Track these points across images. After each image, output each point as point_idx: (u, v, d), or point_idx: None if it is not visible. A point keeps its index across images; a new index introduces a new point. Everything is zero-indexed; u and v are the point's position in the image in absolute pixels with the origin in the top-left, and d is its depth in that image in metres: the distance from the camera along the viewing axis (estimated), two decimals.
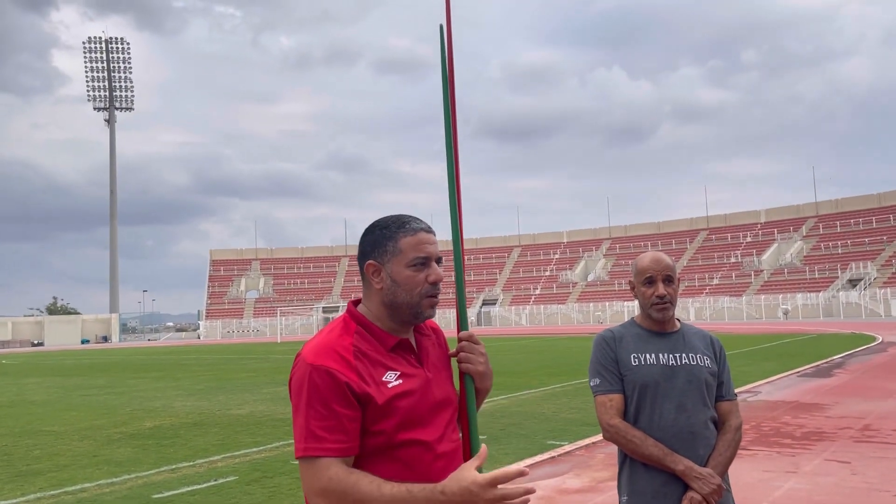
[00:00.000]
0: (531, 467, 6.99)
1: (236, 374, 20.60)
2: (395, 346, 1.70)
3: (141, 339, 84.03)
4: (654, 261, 2.59)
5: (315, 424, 1.54)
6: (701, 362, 2.56)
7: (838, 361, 17.63)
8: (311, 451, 1.54)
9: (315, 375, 1.57)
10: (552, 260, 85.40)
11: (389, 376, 1.63)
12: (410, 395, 1.64)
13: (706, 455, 2.48)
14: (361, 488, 1.48)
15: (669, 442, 2.44)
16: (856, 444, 7.62)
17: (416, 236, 1.70)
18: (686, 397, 2.49)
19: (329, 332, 1.69)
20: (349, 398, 1.57)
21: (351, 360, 1.60)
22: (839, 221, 70.44)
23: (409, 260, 1.69)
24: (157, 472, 7.35)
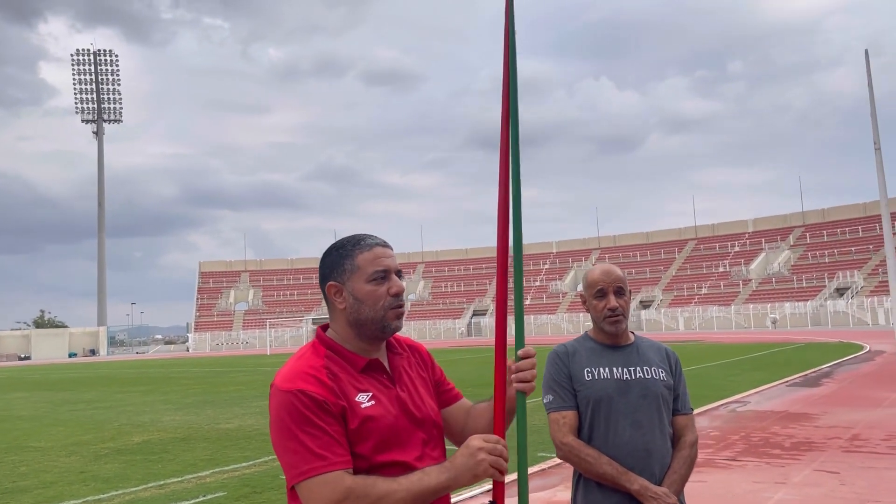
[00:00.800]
0: None
1: (225, 387, 20.47)
2: (366, 367, 1.70)
3: (129, 353, 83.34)
4: (605, 273, 2.56)
5: (312, 444, 1.53)
6: (656, 376, 2.50)
7: (826, 371, 17.72)
8: (318, 469, 1.52)
9: (293, 400, 1.57)
10: (542, 270, 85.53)
11: (361, 397, 1.64)
12: (384, 416, 1.64)
13: (661, 473, 2.42)
14: (380, 485, 1.52)
15: (624, 460, 2.38)
16: (845, 455, 7.65)
17: (373, 251, 1.73)
18: (641, 413, 2.44)
19: (299, 357, 1.70)
20: (333, 414, 1.57)
21: (325, 380, 1.61)
22: (826, 231, 70.96)
23: (369, 275, 1.71)
24: (145, 488, 7.28)
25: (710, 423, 10.13)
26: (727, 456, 7.83)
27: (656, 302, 72.44)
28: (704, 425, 10.01)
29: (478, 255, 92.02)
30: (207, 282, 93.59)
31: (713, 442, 8.69)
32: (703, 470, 7.18)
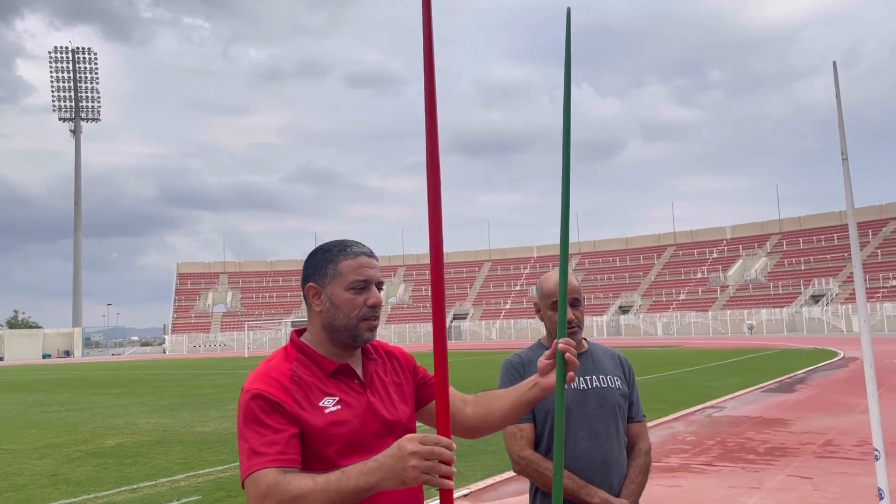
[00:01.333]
0: (500, 484, 6.98)
1: (202, 389, 20.28)
2: (335, 372, 1.70)
3: (105, 354, 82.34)
4: (557, 284, 2.44)
5: (256, 442, 1.55)
6: (612, 384, 2.47)
7: (801, 377, 17.93)
8: (253, 467, 1.52)
9: (249, 400, 1.60)
10: (522, 274, 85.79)
11: (327, 402, 1.64)
12: (349, 421, 1.64)
13: (619, 483, 2.41)
14: (298, 483, 1.46)
15: (583, 472, 2.35)
16: (818, 460, 7.74)
17: (357, 260, 1.73)
18: (599, 423, 2.41)
19: (268, 361, 1.72)
20: (285, 414, 1.58)
21: (286, 384, 1.62)
22: (802, 238, 71.92)
23: (349, 283, 1.71)
24: (118, 491, 7.18)
25: (687, 428, 10.20)
26: (703, 461, 7.89)
27: (635, 307, 72.93)
28: (681, 430, 10.08)
29: (458, 258, 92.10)
30: (185, 283, 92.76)
31: (689, 447, 8.75)
32: (679, 475, 7.23)
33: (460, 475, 7.42)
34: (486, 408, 1.90)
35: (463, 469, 7.74)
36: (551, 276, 2.49)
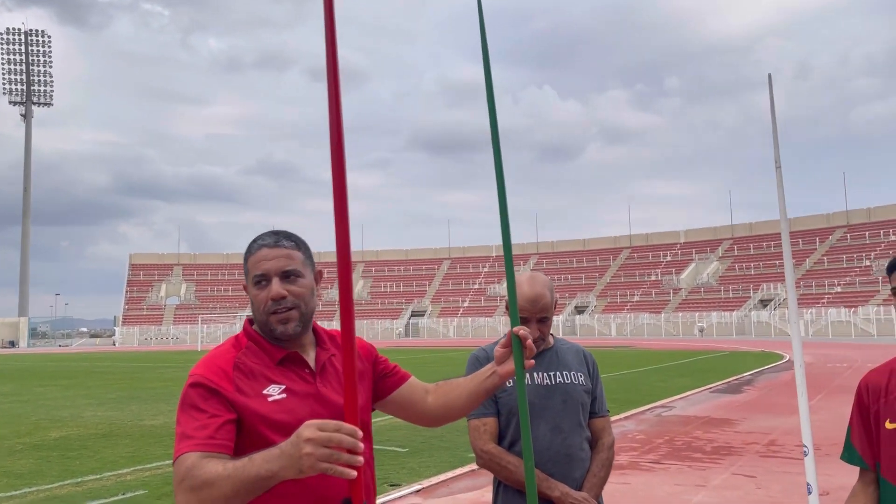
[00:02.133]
0: (453, 480, 7.01)
1: (152, 383, 19.89)
2: (284, 360, 1.71)
3: (52, 345, 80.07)
4: (531, 301, 2.40)
5: (186, 427, 1.55)
6: (576, 380, 2.50)
7: (748, 378, 18.39)
8: (180, 450, 1.52)
9: (189, 386, 1.61)
10: (481, 273, 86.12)
11: (272, 389, 1.64)
12: (294, 409, 1.63)
13: (581, 477, 2.45)
14: (209, 468, 1.44)
15: (545, 465, 2.38)
16: (762, 459, 7.96)
17: (255, 255, 1.72)
18: (562, 418, 2.44)
19: (218, 347, 1.73)
20: (223, 402, 1.58)
21: (229, 371, 1.63)
22: (752, 244, 73.68)
23: (252, 279, 1.72)
24: (61, 485, 7.01)
25: (637, 427, 10.39)
26: (651, 459, 8.04)
27: (590, 308, 73.86)
28: (631, 429, 10.25)
29: (418, 256, 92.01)
30: (138, 274, 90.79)
31: (638, 445, 8.90)
32: (628, 472, 7.36)
33: (413, 471, 7.43)
34: (446, 397, 1.91)
35: (415, 465, 7.75)
36: (524, 287, 2.42)
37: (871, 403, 1.99)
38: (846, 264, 63.94)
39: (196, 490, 1.42)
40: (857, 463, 2.04)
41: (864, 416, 2.01)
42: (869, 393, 2.00)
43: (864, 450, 2.01)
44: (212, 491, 1.41)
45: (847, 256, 64.79)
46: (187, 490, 1.44)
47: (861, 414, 2.03)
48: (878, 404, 1.97)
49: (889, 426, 1.92)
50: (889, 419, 1.92)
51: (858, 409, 2.04)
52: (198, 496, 1.42)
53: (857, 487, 2.06)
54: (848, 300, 57.55)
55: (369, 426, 1.82)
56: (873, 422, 1.98)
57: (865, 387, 2.02)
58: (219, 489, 1.41)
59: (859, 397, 2.04)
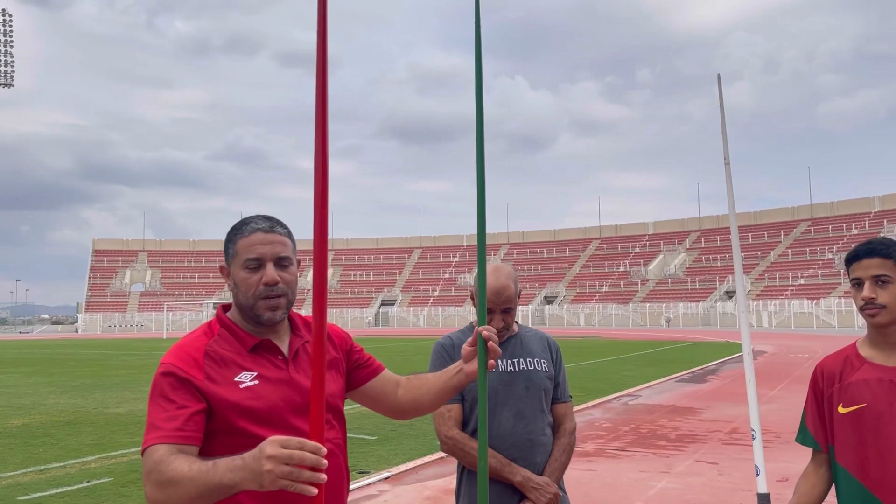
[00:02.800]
0: (421, 467, 7.04)
1: (116, 370, 19.61)
2: (256, 347, 1.71)
3: (12, 332, 78.48)
4: (495, 293, 2.42)
5: (156, 417, 1.55)
6: (539, 367, 2.54)
7: (712, 368, 18.73)
8: (148, 441, 1.53)
9: (160, 375, 1.61)
10: (451, 263, 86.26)
11: (244, 376, 1.64)
12: (266, 396, 1.64)
13: (543, 462, 2.48)
14: (175, 467, 1.45)
15: (508, 451, 2.42)
16: (724, 447, 8.12)
17: (250, 238, 1.71)
18: (524, 404, 2.47)
19: (189, 335, 1.73)
20: (192, 391, 1.58)
21: (199, 359, 1.63)
22: (719, 236, 74.85)
23: (243, 262, 1.70)
24: (24, 472, 6.89)
25: (604, 415, 10.53)
26: (617, 446, 8.17)
27: (559, 298, 74.47)
28: (598, 417, 10.39)
29: (388, 244, 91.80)
30: (101, 260, 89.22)
31: (605, 433, 9.03)
32: (594, 459, 7.46)
33: (382, 458, 7.45)
34: (415, 392, 1.94)
35: (384, 453, 7.77)
36: (489, 277, 2.42)
37: (826, 388, 2.07)
38: (809, 257, 65.32)
39: (162, 486, 1.45)
40: (810, 444, 2.13)
41: (819, 400, 2.10)
42: (824, 378, 2.09)
43: (818, 432, 2.10)
44: (176, 489, 1.43)
45: (811, 249, 66.19)
46: (154, 484, 1.46)
47: (815, 398, 2.11)
48: (831, 389, 2.05)
49: (842, 411, 2.01)
50: (842, 404, 2.01)
51: (813, 394, 2.12)
52: (163, 492, 1.45)
53: (809, 468, 2.15)
54: (811, 292, 58.85)
55: (342, 413, 1.84)
56: (826, 406, 2.07)
57: (821, 372, 2.11)
58: (183, 489, 1.43)
59: (814, 382, 2.12)
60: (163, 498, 1.45)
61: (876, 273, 1.94)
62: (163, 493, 1.45)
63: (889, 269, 1.93)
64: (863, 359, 2.03)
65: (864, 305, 1.96)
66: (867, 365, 2.01)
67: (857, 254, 1.98)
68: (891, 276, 1.93)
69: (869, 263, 1.95)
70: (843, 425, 2.00)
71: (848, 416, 1.98)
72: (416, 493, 6.14)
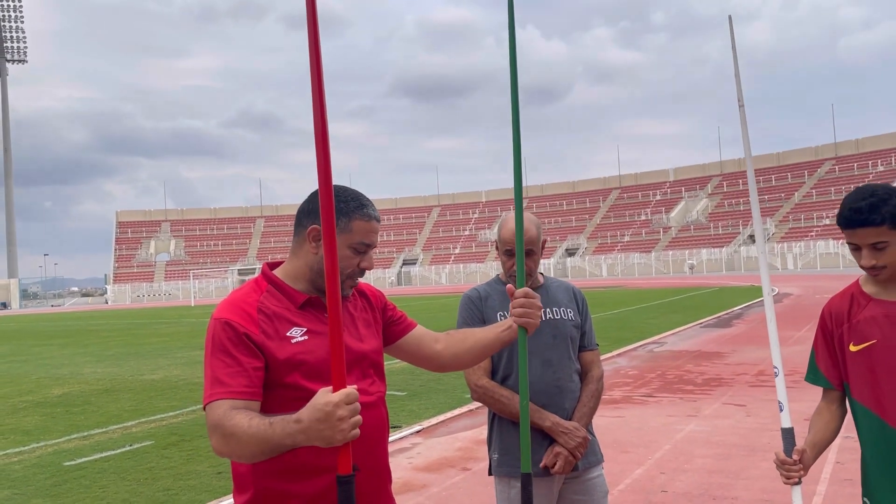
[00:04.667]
0: (451, 420, 7.18)
1: (148, 338, 20.03)
2: (305, 304, 1.77)
3: (44, 305, 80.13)
4: (511, 233, 2.46)
5: (220, 372, 1.62)
6: (565, 316, 2.59)
7: (737, 312, 18.70)
8: (215, 395, 1.59)
9: (217, 328, 1.66)
10: (471, 219, 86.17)
11: (294, 332, 1.71)
12: (315, 350, 1.70)
13: (572, 408, 2.54)
14: (237, 422, 1.53)
15: (537, 397, 2.46)
16: (751, 389, 8.17)
17: (370, 224, 1.78)
18: (552, 352, 2.53)
19: (238, 290, 1.78)
20: (250, 347, 1.64)
21: (253, 314, 1.69)
22: (741, 179, 73.76)
23: (355, 242, 1.76)
24: (68, 439, 7.14)
25: (629, 363, 10.61)
26: (644, 393, 8.25)
27: (581, 249, 74.29)
28: (623, 365, 10.47)
29: (407, 204, 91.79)
30: (126, 232, 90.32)
31: (631, 380, 9.11)
32: (622, 406, 7.55)
33: (413, 413, 7.61)
34: (458, 346, 2.04)
35: (415, 407, 7.93)
36: (507, 222, 2.51)
37: (835, 328, 2.10)
38: (835, 196, 64.27)
39: (226, 438, 1.54)
40: (821, 383, 2.18)
41: (829, 340, 2.14)
42: (832, 318, 2.12)
43: (829, 370, 2.14)
44: (238, 444, 1.53)
45: (836, 189, 65.08)
46: (220, 437, 1.55)
47: (825, 338, 2.15)
48: (841, 329, 2.08)
49: (853, 349, 2.04)
50: (853, 342, 2.04)
51: (822, 334, 2.16)
52: (227, 446, 1.55)
53: (821, 405, 2.20)
54: (836, 232, 57.97)
55: (381, 367, 1.92)
56: (837, 345, 2.10)
57: (829, 313, 2.14)
58: (244, 444, 1.52)
59: (823, 323, 2.16)
60: (227, 451, 1.56)
61: (872, 241, 1.93)
62: (227, 447, 1.55)
63: (884, 234, 1.91)
64: (868, 296, 2.05)
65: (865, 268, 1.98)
66: (873, 302, 2.03)
67: (850, 222, 1.95)
68: (887, 240, 1.91)
69: (864, 233, 1.93)
70: (856, 363, 2.03)
71: (860, 354, 2.02)
72: (447, 444, 6.28)
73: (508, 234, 2.50)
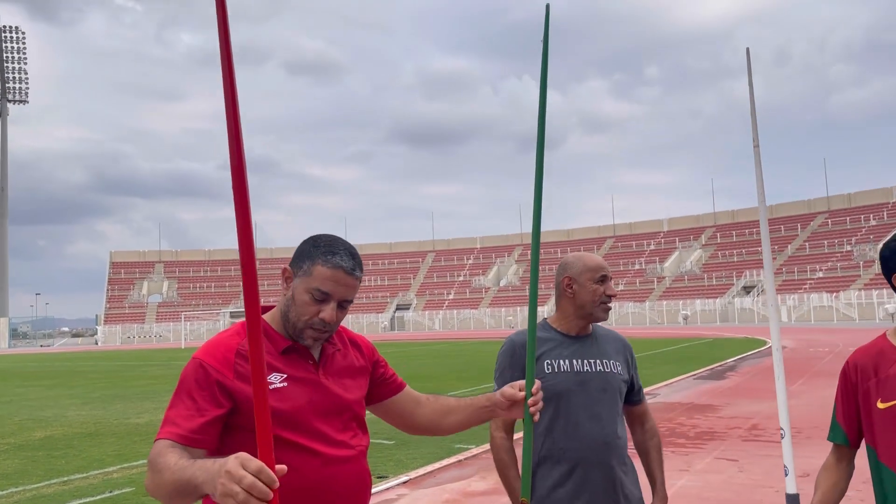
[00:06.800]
0: (439, 470, 7.05)
1: (136, 381, 19.77)
2: (288, 349, 1.74)
3: (33, 345, 79.28)
4: (603, 261, 2.54)
5: (176, 413, 1.60)
6: (615, 369, 2.49)
7: (731, 364, 18.60)
8: (162, 434, 1.58)
9: (192, 367, 1.66)
10: (465, 265, 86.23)
11: (273, 377, 1.68)
12: (295, 398, 1.67)
13: (619, 464, 2.43)
14: (166, 459, 1.49)
15: (584, 452, 2.36)
16: (744, 443, 8.07)
17: (332, 272, 1.70)
18: (601, 406, 2.41)
19: (223, 332, 1.76)
20: (215, 395, 1.62)
21: (230, 357, 1.66)
22: (735, 231, 74.30)
23: (312, 289, 1.71)
24: (48, 484, 6.98)
25: None
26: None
27: None
28: None
29: (402, 249, 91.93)
30: (119, 272, 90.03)
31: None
32: None
33: (400, 462, 7.46)
34: (436, 415, 2.01)
35: (402, 457, 7.78)
36: (587, 254, 2.57)
37: (861, 383, 2.00)
38: (827, 249, 64.70)
39: (153, 474, 1.52)
40: (839, 440, 2.07)
41: (850, 395, 2.03)
42: (858, 373, 2.02)
43: (848, 426, 2.04)
44: (161, 478, 1.49)
45: (828, 242, 65.56)
46: (150, 472, 1.54)
47: (846, 392, 2.05)
48: (867, 384, 1.98)
49: (882, 406, 1.93)
50: (881, 399, 1.94)
51: (844, 388, 2.06)
52: (152, 480, 1.52)
53: (830, 461, 2.10)
54: (829, 285, 58.25)
55: (363, 419, 1.88)
56: (861, 401, 2.00)
57: (854, 367, 2.04)
58: (164, 479, 1.48)
59: (845, 376, 2.06)
60: (152, 486, 1.53)
61: None
62: (152, 483, 1.53)
63: None
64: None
65: None
66: None
67: None
68: None
69: None
70: (884, 421, 1.93)
71: (889, 412, 1.92)
72: (434, 496, 6.15)
73: (599, 261, 2.52)
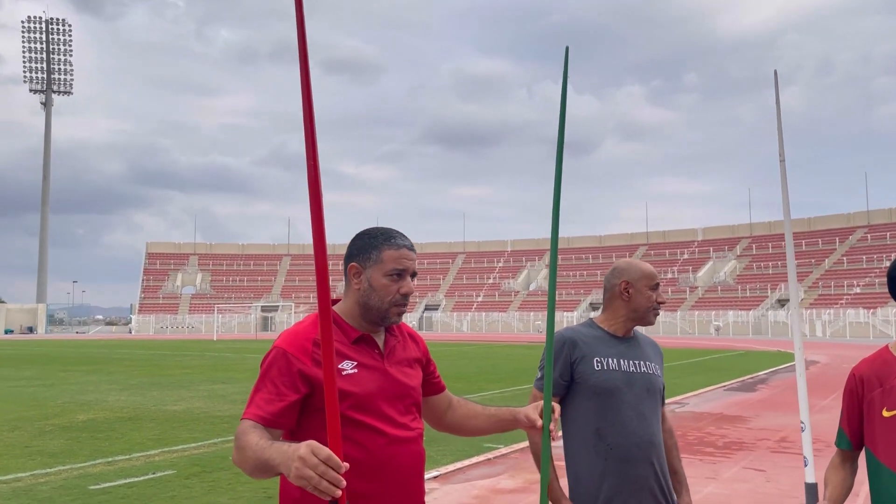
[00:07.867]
0: (469, 467, 7.21)
1: (171, 370, 20.25)
2: (358, 339, 1.92)
3: (69, 332, 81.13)
4: (655, 270, 2.67)
5: (259, 396, 1.79)
6: (656, 371, 2.64)
7: (763, 377, 18.44)
8: (246, 414, 1.77)
9: (275, 355, 1.84)
10: (495, 268, 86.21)
11: (346, 365, 1.86)
12: (365, 383, 1.86)
13: (659, 462, 2.53)
14: (248, 438, 1.67)
15: (630, 450, 2.45)
16: (772, 455, 8.09)
17: (399, 251, 1.93)
18: (645, 406, 2.53)
19: (299, 323, 1.94)
20: (296, 381, 1.80)
21: (308, 346, 1.83)
22: (771, 243, 73.17)
23: (388, 270, 1.91)
24: (93, 464, 7.28)
25: None
26: None
27: None
28: None
29: (432, 249, 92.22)
30: (154, 263, 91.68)
31: None
32: None
33: (431, 458, 7.63)
34: (462, 419, 2.22)
35: (433, 453, 7.95)
36: (641, 262, 2.66)
37: (866, 393, 2.14)
38: (866, 265, 63.38)
39: (238, 450, 1.71)
40: (843, 445, 2.22)
41: (855, 403, 2.18)
42: (863, 384, 2.15)
43: (852, 432, 2.19)
44: (244, 455, 1.68)
45: (867, 257, 64.22)
46: (235, 448, 1.72)
47: (851, 401, 2.19)
48: (872, 393, 2.11)
49: (887, 414, 2.06)
50: (886, 408, 2.06)
51: (849, 397, 2.20)
52: (238, 456, 1.71)
53: (836, 461, 2.26)
54: (867, 301, 57.08)
55: (420, 405, 2.06)
56: (866, 409, 2.14)
57: (859, 378, 2.17)
58: (247, 456, 1.66)
59: (851, 386, 2.19)
60: (237, 460, 1.72)
61: None
62: (238, 457, 1.71)
63: None
64: None
65: None
66: None
67: None
68: None
69: None
70: (889, 428, 2.05)
71: (893, 420, 2.05)
72: (464, 491, 6.31)
73: (653, 269, 2.65)
